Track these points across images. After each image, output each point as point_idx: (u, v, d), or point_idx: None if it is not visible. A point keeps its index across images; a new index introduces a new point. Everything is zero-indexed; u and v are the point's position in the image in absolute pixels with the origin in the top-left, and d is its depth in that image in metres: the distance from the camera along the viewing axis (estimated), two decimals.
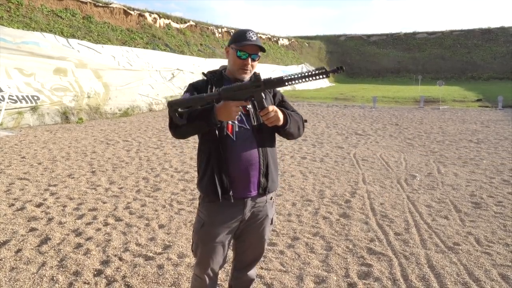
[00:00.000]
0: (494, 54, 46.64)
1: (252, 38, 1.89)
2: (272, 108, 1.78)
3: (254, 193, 1.95)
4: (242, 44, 1.87)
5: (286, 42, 44.03)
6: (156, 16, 25.25)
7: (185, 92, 1.95)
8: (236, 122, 1.91)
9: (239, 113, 1.81)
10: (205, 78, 2.01)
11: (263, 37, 39.51)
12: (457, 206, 4.53)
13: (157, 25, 25.03)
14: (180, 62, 19.95)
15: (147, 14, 24.44)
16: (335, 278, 2.94)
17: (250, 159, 1.90)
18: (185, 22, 28.32)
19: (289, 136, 1.99)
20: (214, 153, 1.89)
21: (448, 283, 2.85)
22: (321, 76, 1.66)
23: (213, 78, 1.98)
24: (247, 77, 1.95)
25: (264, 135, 1.95)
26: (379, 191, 5.12)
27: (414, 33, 54.50)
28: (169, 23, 26.39)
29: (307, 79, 1.69)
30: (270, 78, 1.76)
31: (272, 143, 2.02)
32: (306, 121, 2.06)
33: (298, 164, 6.68)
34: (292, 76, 1.69)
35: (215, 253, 1.99)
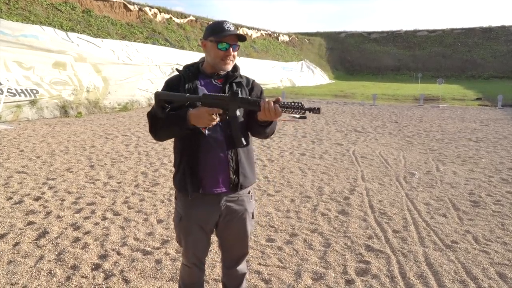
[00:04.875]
0: (495, 53, 46.59)
1: (230, 28, 1.89)
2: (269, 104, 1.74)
3: (224, 189, 1.95)
4: (223, 35, 1.87)
5: (286, 38, 43.92)
6: (156, 10, 25.14)
7: (163, 90, 1.95)
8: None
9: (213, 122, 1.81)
10: (180, 73, 2.00)
11: (263, 33, 39.39)
12: (455, 205, 4.54)
13: (157, 19, 24.94)
14: (180, 57, 19.86)
15: (147, 9, 24.34)
16: (333, 274, 2.94)
17: (218, 157, 1.91)
18: (185, 17, 28.22)
19: (261, 135, 1.97)
20: (187, 150, 1.92)
21: (446, 281, 2.86)
22: (298, 111, 1.67)
23: (188, 72, 1.98)
24: (229, 67, 1.95)
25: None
26: (378, 189, 5.12)
27: (415, 31, 54.38)
28: (170, 17, 26.29)
29: (283, 110, 1.71)
30: (248, 98, 1.82)
31: (245, 140, 1.99)
32: (305, 117, 2.05)
33: (297, 160, 6.68)
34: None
35: (198, 243, 2.04)
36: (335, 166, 6.35)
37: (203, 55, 2.09)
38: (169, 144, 7.76)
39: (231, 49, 1.90)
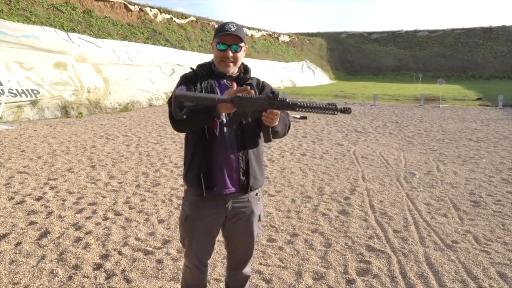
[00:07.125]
0: (495, 53, 46.56)
1: (230, 28, 1.86)
2: (278, 113, 1.76)
3: (233, 189, 1.94)
4: (220, 35, 1.86)
5: (287, 38, 43.92)
6: (157, 11, 25.15)
7: (180, 84, 1.89)
8: (224, 119, 1.89)
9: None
10: (195, 71, 1.98)
11: (264, 33, 39.38)
12: (456, 205, 4.54)
13: (158, 20, 24.95)
14: (180, 57, 19.90)
15: (148, 9, 24.35)
16: (334, 274, 2.95)
17: (229, 157, 1.91)
18: (186, 18, 28.22)
19: (274, 135, 1.89)
20: (201, 146, 1.89)
21: (446, 281, 2.87)
22: (330, 112, 1.75)
23: (202, 72, 1.96)
24: (230, 70, 1.92)
25: (246, 133, 1.94)
26: (379, 189, 5.13)
27: (415, 31, 54.36)
28: (170, 18, 26.30)
29: (317, 111, 1.78)
30: (285, 99, 1.73)
31: (255, 142, 2.00)
32: (306, 117, 2.05)
33: (298, 160, 6.68)
34: (304, 104, 1.74)
35: (202, 244, 2.03)
36: (336, 166, 6.35)
37: (203, 55, 2.10)
38: (170, 144, 7.77)
39: (229, 50, 1.87)
